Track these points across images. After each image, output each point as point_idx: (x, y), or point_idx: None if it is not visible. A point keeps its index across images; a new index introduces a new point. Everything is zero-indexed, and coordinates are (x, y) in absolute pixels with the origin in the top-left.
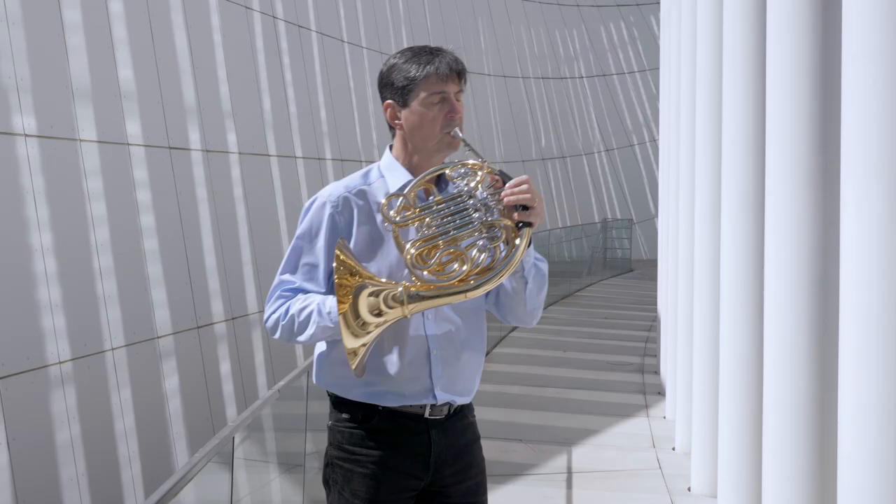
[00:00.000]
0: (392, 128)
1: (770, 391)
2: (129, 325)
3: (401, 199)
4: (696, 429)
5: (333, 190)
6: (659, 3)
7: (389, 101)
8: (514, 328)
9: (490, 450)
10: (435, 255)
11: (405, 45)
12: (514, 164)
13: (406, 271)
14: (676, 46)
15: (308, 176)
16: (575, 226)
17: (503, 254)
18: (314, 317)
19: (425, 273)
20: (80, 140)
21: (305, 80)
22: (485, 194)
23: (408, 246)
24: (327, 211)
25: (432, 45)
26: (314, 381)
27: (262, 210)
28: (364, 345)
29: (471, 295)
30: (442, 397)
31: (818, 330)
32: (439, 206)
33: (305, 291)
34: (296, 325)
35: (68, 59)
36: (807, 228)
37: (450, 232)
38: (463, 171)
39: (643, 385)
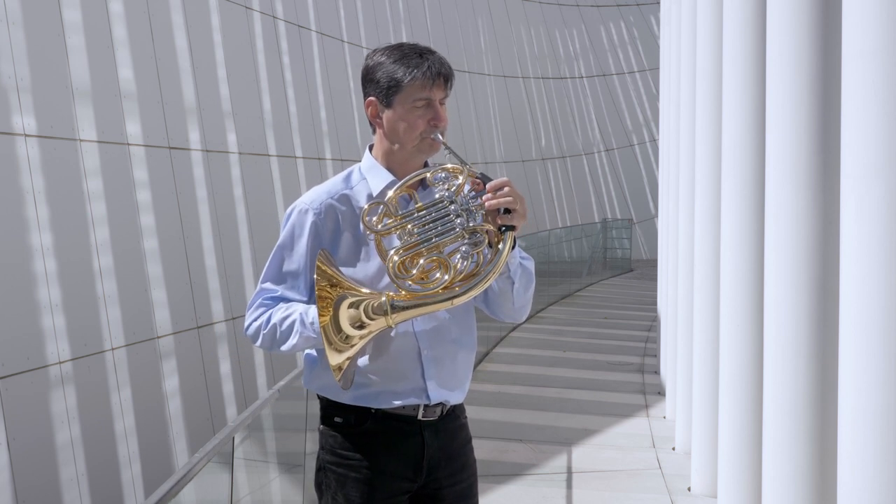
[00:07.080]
0: (373, 125)
1: (770, 391)
2: (129, 325)
3: (381, 206)
4: (696, 429)
5: (316, 196)
6: (659, 3)
7: (372, 98)
8: (514, 328)
9: (490, 450)
10: (418, 263)
11: None
12: (514, 164)
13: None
14: (676, 46)
15: (308, 176)
16: (575, 226)
17: (487, 258)
18: (297, 326)
19: (409, 283)
20: (80, 140)
21: (305, 80)
22: (466, 199)
23: (390, 254)
24: (310, 218)
25: (432, 45)
26: (304, 385)
27: (262, 210)
28: (348, 358)
29: (456, 302)
30: (435, 396)
31: (818, 330)
32: (420, 213)
33: (287, 300)
34: (278, 333)
35: (68, 59)
36: (807, 228)
37: (432, 239)
38: (443, 175)
39: (643, 385)
